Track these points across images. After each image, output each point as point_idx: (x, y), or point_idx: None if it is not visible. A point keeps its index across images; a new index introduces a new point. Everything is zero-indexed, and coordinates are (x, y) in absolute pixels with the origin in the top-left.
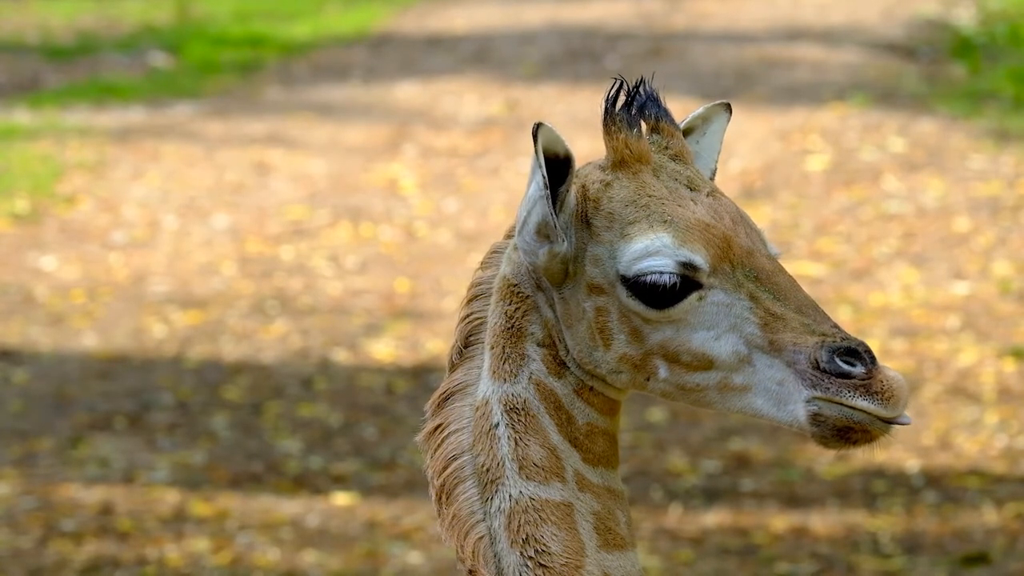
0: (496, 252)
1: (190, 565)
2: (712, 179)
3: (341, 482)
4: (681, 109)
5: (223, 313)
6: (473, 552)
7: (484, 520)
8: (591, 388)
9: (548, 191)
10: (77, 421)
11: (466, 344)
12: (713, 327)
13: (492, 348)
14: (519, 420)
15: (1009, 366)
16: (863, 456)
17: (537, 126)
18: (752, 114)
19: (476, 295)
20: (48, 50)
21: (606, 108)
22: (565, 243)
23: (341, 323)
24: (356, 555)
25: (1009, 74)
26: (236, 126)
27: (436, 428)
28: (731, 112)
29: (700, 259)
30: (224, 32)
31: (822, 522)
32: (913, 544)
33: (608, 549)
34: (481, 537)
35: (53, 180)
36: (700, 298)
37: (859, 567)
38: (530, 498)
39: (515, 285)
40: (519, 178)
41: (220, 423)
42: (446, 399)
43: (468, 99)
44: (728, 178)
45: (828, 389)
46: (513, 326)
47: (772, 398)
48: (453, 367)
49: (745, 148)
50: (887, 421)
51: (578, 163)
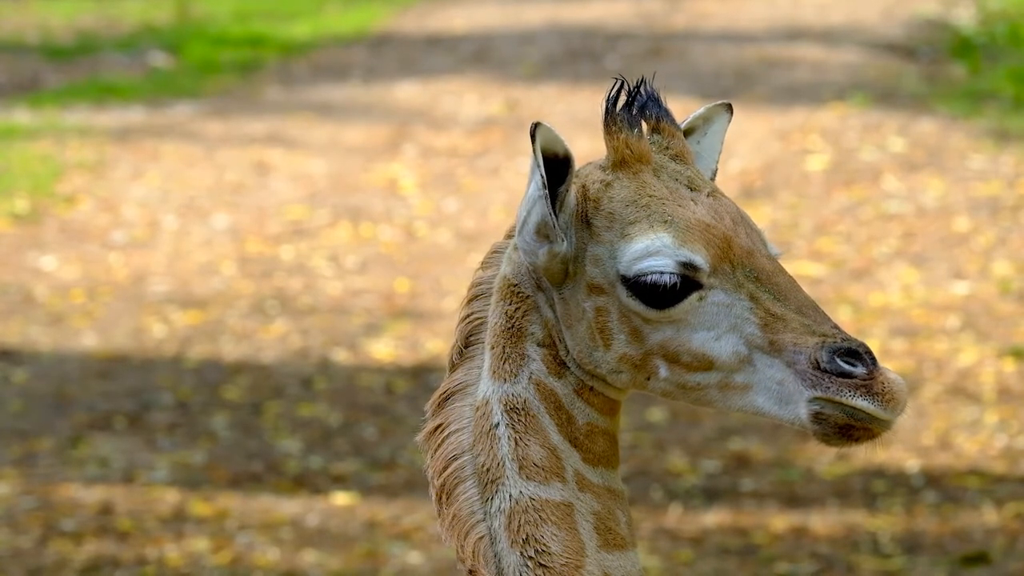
0: (496, 252)
1: (190, 565)
2: (713, 179)
3: (341, 482)
4: (681, 109)
5: (223, 313)
6: (473, 552)
7: (484, 520)
8: (591, 388)
9: (547, 191)
10: (77, 421)
11: (466, 344)
12: (713, 327)
13: (492, 348)
14: (519, 420)
15: (1009, 366)
16: (863, 456)
17: (535, 126)
18: (752, 114)
19: (476, 295)
20: (48, 50)
21: (607, 108)
22: (565, 243)
23: (341, 323)
24: (356, 555)
25: (1009, 74)
26: (236, 126)
27: (436, 428)
28: (732, 112)
29: (700, 259)
30: (224, 32)
31: (822, 522)
32: (913, 544)
33: (608, 549)
34: (481, 537)
35: (53, 180)
36: (700, 298)
37: (859, 567)
38: (530, 498)
39: (515, 285)
40: (519, 178)
41: (220, 423)
42: (446, 399)
43: (468, 99)
44: (728, 178)
45: (828, 389)
46: (513, 326)
47: (773, 396)
48: (453, 367)
49: (745, 148)
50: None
51: (578, 163)
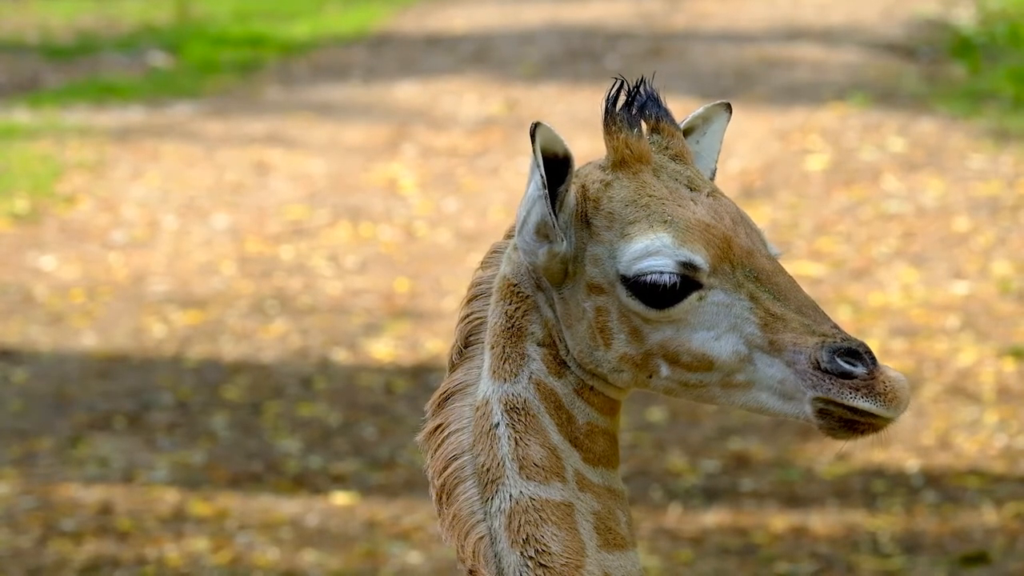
0: (496, 252)
1: (190, 565)
2: (712, 179)
3: (340, 482)
4: (681, 109)
5: (223, 313)
6: (473, 552)
7: (484, 520)
8: (591, 388)
9: (547, 191)
10: (77, 421)
11: (466, 344)
12: (713, 327)
13: (492, 348)
14: (519, 420)
15: (1008, 366)
16: (863, 456)
17: (535, 126)
18: (752, 114)
19: (476, 295)
20: (48, 50)
21: (606, 108)
22: (564, 243)
23: (341, 323)
24: (355, 555)
25: (1009, 74)
26: (236, 126)
27: (436, 428)
28: (731, 112)
29: (700, 259)
30: (224, 32)
31: (822, 522)
32: (913, 544)
33: (608, 549)
34: (481, 537)
35: (53, 180)
36: (700, 298)
37: (859, 567)
38: (530, 498)
39: (515, 285)
40: (519, 178)
41: (220, 423)
42: (446, 399)
43: (468, 99)
44: (728, 178)
45: (830, 390)
46: (513, 326)
47: (776, 394)
48: (453, 367)
49: (745, 148)
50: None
51: (578, 163)
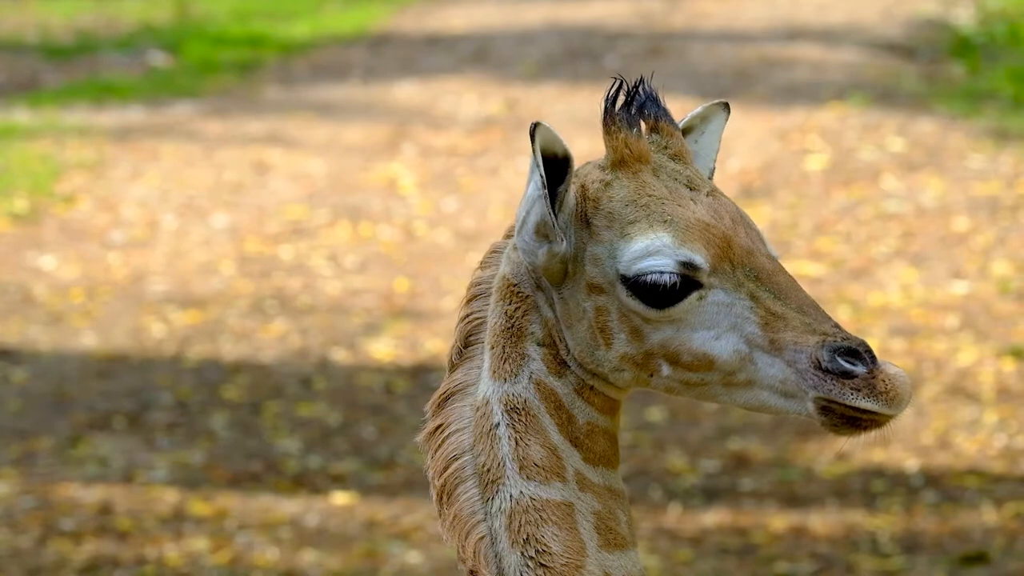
0: (495, 252)
1: (189, 564)
2: (710, 178)
3: (340, 481)
4: (680, 109)
5: (222, 312)
6: (474, 552)
7: (485, 520)
8: (591, 387)
9: (546, 191)
10: (76, 420)
11: (466, 344)
12: (713, 327)
13: (492, 348)
14: (519, 420)
15: (1008, 365)
16: (862, 455)
17: (535, 126)
18: (751, 114)
19: (476, 295)
20: (47, 49)
21: (605, 108)
22: (564, 243)
23: (340, 323)
24: (355, 554)
25: (1008, 74)
26: (235, 125)
27: (437, 428)
28: (729, 111)
29: (700, 259)
30: (223, 31)
31: (821, 522)
32: (912, 544)
33: (609, 549)
34: (482, 537)
35: (52, 179)
36: (700, 298)
37: (858, 567)
38: (531, 498)
39: (515, 285)
40: (518, 177)
41: (219, 422)
42: (446, 399)
43: (467, 98)
44: (727, 177)
45: (831, 391)
46: (513, 326)
47: (777, 392)
48: (453, 367)
49: (744, 148)
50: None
51: (578, 163)
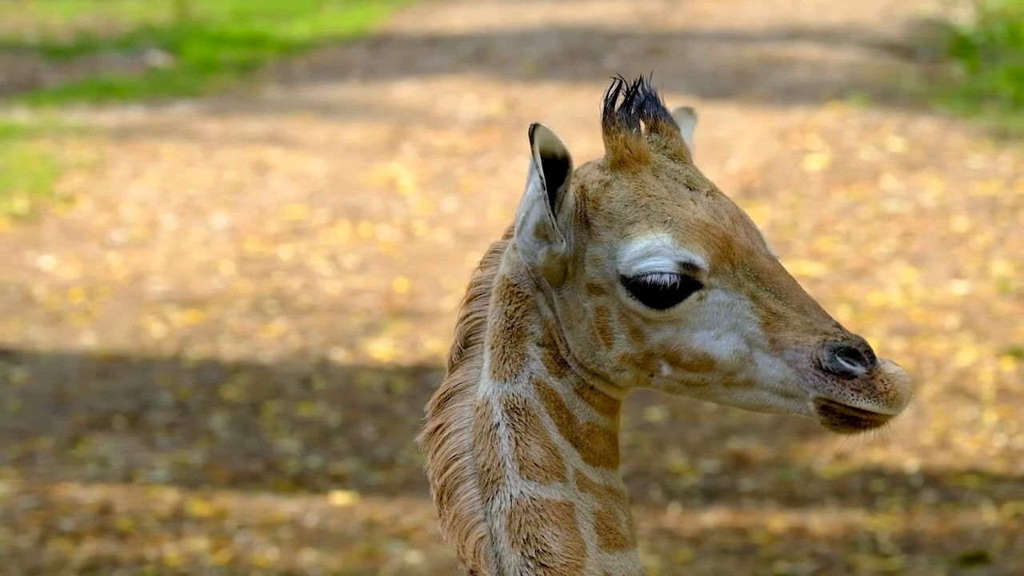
0: (495, 252)
1: (189, 564)
2: None
3: (340, 481)
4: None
5: (222, 312)
6: (474, 552)
7: (485, 520)
8: (592, 387)
9: (546, 191)
10: (76, 420)
11: (466, 344)
12: (714, 327)
13: (492, 348)
14: (520, 420)
15: (1008, 365)
16: (862, 455)
17: (534, 127)
18: (751, 113)
19: (475, 295)
20: (47, 49)
21: (605, 108)
22: (564, 243)
23: (340, 322)
24: (355, 554)
25: (1008, 74)
26: (235, 125)
27: (437, 428)
28: (696, 117)
29: (700, 259)
30: (223, 31)
31: (821, 522)
32: (912, 544)
33: (609, 549)
34: (482, 537)
35: (52, 179)
36: (700, 298)
37: (858, 567)
38: (531, 498)
39: (515, 285)
40: (518, 177)
41: (219, 422)
42: (446, 399)
43: (467, 98)
44: (727, 177)
45: (831, 391)
46: (513, 326)
47: (778, 392)
48: (453, 367)
49: (744, 147)
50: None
51: (577, 163)
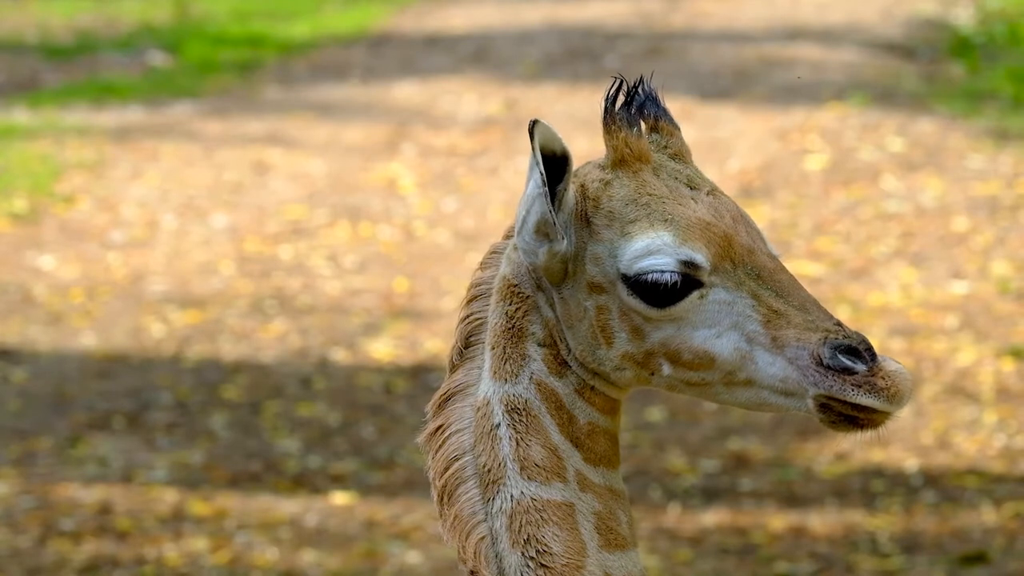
0: (495, 252)
1: (189, 564)
2: None
3: (340, 481)
4: (680, 109)
5: (222, 312)
6: (475, 552)
7: (486, 521)
8: (592, 387)
9: (546, 188)
10: (76, 420)
11: (466, 345)
12: (714, 325)
13: (493, 348)
14: (520, 420)
15: (1008, 365)
16: (862, 455)
17: (533, 123)
18: (751, 113)
19: (476, 295)
20: (47, 49)
21: (605, 107)
22: (564, 242)
23: (340, 322)
24: (355, 554)
25: (1008, 74)
26: (235, 125)
27: (437, 429)
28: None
29: (701, 257)
30: (223, 31)
31: (821, 522)
32: (912, 543)
33: (609, 549)
34: (483, 538)
35: (52, 179)
36: (701, 296)
37: (858, 567)
38: (532, 498)
39: (515, 285)
40: (518, 177)
41: (219, 422)
42: (447, 400)
43: (467, 98)
44: (727, 177)
45: (832, 387)
46: (514, 326)
47: (778, 391)
48: (453, 368)
49: (744, 147)
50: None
51: (577, 163)
